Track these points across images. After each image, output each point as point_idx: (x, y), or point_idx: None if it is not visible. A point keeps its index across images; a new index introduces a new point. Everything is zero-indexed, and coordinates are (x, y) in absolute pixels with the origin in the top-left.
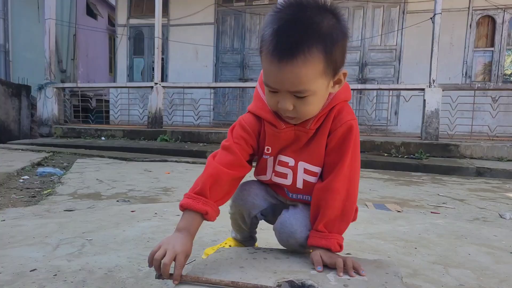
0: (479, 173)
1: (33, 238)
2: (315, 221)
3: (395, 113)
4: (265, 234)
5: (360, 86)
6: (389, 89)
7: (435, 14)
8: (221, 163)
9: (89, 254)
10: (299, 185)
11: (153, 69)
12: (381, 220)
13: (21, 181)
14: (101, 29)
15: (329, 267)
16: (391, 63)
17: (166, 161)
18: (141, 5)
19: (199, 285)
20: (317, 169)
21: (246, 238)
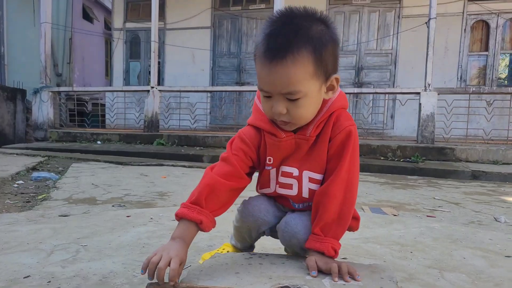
0: (475, 176)
1: (27, 244)
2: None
3: (391, 116)
4: (261, 238)
5: (356, 90)
6: (385, 93)
7: (430, 18)
8: (218, 173)
9: (83, 260)
10: (305, 194)
11: (150, 73)
12: (377, 224)
13: (16, 186)
14: (97, 33)
15: (324, 272)
16: (387, 67)
17: (162, 165)
18: (137, 9)
19: None
20: (320, 177)
21: (246, 247)
